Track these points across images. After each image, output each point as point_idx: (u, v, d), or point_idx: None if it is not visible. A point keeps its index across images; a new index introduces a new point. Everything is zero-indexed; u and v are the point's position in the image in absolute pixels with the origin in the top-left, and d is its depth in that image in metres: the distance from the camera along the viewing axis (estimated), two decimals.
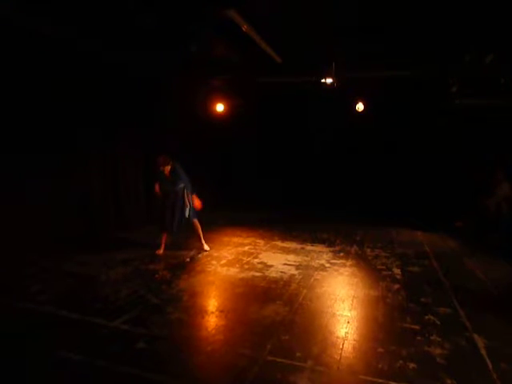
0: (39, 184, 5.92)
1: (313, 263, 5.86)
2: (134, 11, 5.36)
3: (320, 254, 6.42)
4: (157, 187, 6.12)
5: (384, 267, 5.77)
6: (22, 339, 3.31)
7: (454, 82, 7.66)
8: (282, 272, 5.37)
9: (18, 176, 5.58)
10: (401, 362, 3.05)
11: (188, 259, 5.92)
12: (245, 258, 6.04)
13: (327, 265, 5.80)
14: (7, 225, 5.39)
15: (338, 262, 6.00)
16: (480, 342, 3.42)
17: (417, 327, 3.70)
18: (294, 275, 5.24)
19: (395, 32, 6.04)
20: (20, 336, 3.37)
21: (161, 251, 6.18)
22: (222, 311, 4.01)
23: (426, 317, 3.96)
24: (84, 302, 4.10)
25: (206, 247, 6.45)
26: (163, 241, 6.23)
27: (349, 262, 5.98)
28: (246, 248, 6.69)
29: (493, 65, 6.53)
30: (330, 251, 6.68)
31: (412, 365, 3.01)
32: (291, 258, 6.16)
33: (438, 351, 3.24)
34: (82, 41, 6.15)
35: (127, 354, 3.07)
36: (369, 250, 6.84)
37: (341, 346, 3.29)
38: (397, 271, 5.58)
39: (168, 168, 6.02)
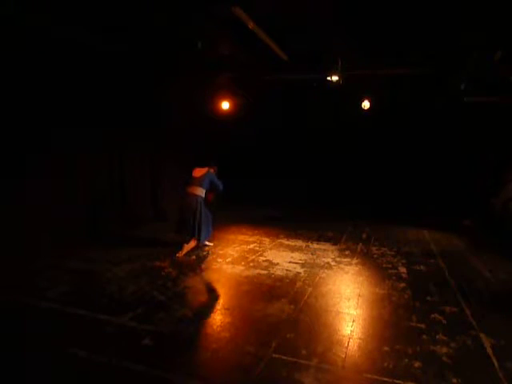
0: (45, 183, 5.96)
1: (318, 261, 5.86)
2: (145, 10, 5.36)
3: (325, 252, 6.41)
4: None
5: (390, 265, 5.76)
6: (28, 334, 3.34)
7: (463, 79, 7.60)
8: (287, 270, 5.37)
9: (23, 176, 5.61)
10: (406, 360, 3.04)
11: (194, 257, 5.93)
12: (250, 256, 6.05)
13: (333, 263, 5.80)
14: (14, 223, 5.44)
15: (344, 260, 5.99)
16: (486, 341, 3.40)
17: (422, 326, 3.69)
18: (299, 273, 5.24)
19: (401, 29, 6.01)
20: (26, 331, 3.40)
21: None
22: (227, 309, 4.02)
23: (432, 315, 3.94)
24: (90, 299, 4.12)
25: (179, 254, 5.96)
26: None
27: (354, 261, 5.96)
28: (252, 246, 6.70)
29: (502, 62, 6.47)
30: (336, 249, 6.67)
31: (417, 363, 3.00)
32: (296, 256, 6.16)
33: (443, 350, 3.23)
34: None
35: (133, 351, 3.08)
36: (374, 249, 6.82)
37: (346, 345, 3.29)
38: (403, 270, 5.56)
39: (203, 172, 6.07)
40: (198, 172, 6.04)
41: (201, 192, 5.95)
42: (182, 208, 5.97)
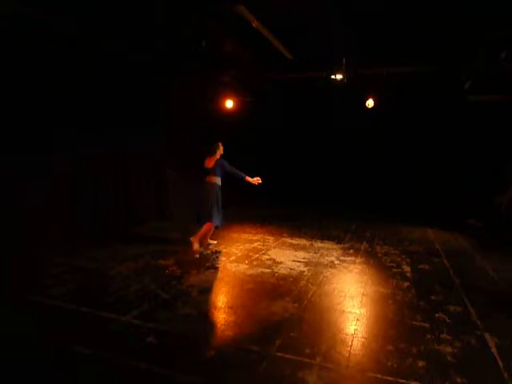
0: (49, 182, 5.98)
1: (322, 260, 5.85)
2: (147, 7, 5.36)
3: (329, 251, 6.40)
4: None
5: (394, 265, 5.74)
6: (32, 332, 3.35)
7: (467, 78, 7.56)
8: (291, 269, 5.37)
9: (26, 175, 5.63)
10: (410, 359, 3.03)
11: (197, 255, 5.94)
12: (254, 255, 6.05)
13: (336, 262, 5.79)
14: (19, 222, 5.47)
15: (348, 259, 5.98)
16: (491, 341, 3.39)
17: (427, 325, 3.68)
18: (303, 272, 5.23)
19: (406, 28, 5.98)
20: (30, 329, 3.42)
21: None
22: (230, 307, 4.03)
23: (437, 315, 3.93)
24: (94, 297, 4.14)
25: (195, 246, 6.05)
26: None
27: (358, 259, 5.95)
28: (255, 244, 6.70)
29: (507, 61, 6.42)
30: (340, 248, 6.66)
31: (422, 363, 2.99)
32: (300, 254, 6.16)
33: (448, 349, 3.21)
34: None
35: (137, 349, 3.09)
36: (378, 248, 6.80)
37: (350, 343, 3.28)
38: (407, 269, 5.54)
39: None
40: (209, 162, 6.18)
41: (217, 180, 6.16)
42: (201, 197, 6.14)
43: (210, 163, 6.18)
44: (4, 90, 5.36)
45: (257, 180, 6.27)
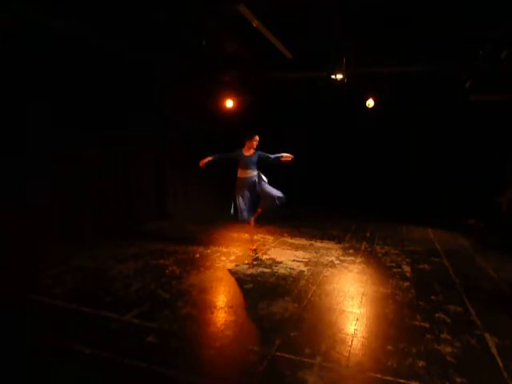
0: (50, 183, 5.98)
1: (322, 260, 5.85)
2: (146, 7, 5.36)
3: (329, 251, 6.40)
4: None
5: (394, 264, 5.74)
6: (32, 331, 3.36)
7: (468, 78, 7.56)
8: (291, 268, 5.37)
9: (26, 175, 5.63)
10: (410, 359, 3.04)
11: (197, 255, 5.94)
12: (254, 254, 6.05)
13: (336, 261, 5.79)
14: (20, 222, 5.46)
15: (348, 258, 5.98)
16: (491, 341, 3.39)
17: (427, 325, 3.68)
18: (303, 272, 5.23)
19: (406, 28, 5.98)
20: (31, 329, 3.42)
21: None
22: (231, 307, 4.03)
23: (437, 315, 3.93)
24: (95, 296, 4.14)
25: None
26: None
27: (358, 259, 5.95)
28: (256, 244, 6.69)
29: (507, 61, 6.42)
30: (340, 248, 6.66)
31: (421, 363, 2.99)
32: (300, 254, 6.16)
33: (448, 349, 3.22)
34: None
35: (138, 348, 3.10)
36: (378, 247, 6.80)
37: (350, 343, 3.28)
38: (407, 269, 5.54)
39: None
40: (246, 154, 6.05)
41: (250, 173, 5.98)
42: (238, 191, 6.02)
43: (246, 156, 6.03)
44: (4, 90, 5.35)
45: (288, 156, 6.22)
